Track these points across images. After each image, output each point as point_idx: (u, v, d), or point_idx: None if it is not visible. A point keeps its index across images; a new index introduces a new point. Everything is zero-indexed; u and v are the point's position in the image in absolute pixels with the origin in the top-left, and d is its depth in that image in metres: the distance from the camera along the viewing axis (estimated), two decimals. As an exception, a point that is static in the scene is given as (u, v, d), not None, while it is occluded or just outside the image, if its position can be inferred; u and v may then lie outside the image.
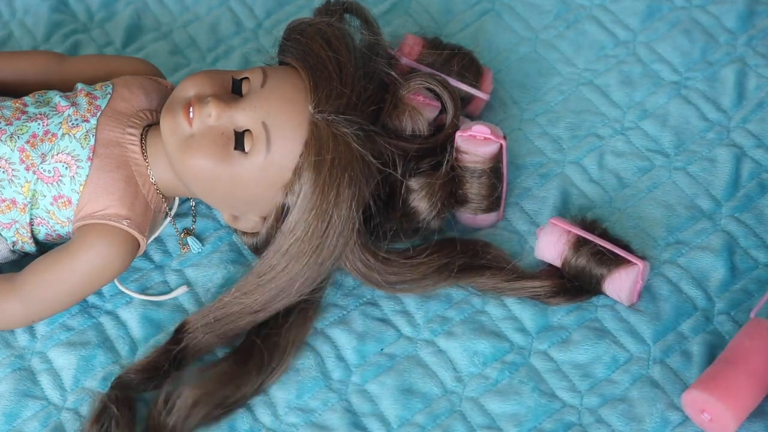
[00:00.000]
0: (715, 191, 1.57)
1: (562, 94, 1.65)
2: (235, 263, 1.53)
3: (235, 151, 1.41)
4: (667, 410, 1.41)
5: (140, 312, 1.50)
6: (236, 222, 1.49)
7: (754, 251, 1.52)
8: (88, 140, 1.45)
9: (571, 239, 1.47)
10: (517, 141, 1.61)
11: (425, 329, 1.48)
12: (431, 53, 1.59)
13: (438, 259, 1.49)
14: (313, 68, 1.43)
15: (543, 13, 1.72)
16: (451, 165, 1.49)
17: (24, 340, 1.49)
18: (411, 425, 1.42)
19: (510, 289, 1.49)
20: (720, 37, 1.69)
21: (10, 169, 1.45)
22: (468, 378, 1.45)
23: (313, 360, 1.46)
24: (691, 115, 1.63)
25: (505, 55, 1.69)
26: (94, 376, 1.46)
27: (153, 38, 1.73)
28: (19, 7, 1.76)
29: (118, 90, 1.50)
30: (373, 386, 1.45)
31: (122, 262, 1.45)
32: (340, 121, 1.40)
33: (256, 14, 1.75)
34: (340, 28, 1.48)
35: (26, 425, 1.43)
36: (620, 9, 1.72)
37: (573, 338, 1.47)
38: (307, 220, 1.41)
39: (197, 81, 1.44)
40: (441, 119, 1.52)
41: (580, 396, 1.43)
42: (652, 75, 1.66)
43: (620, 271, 1.45)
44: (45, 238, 1.49)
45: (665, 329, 1.47)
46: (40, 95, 1.50)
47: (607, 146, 1.61)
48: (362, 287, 1.51)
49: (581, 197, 1.57)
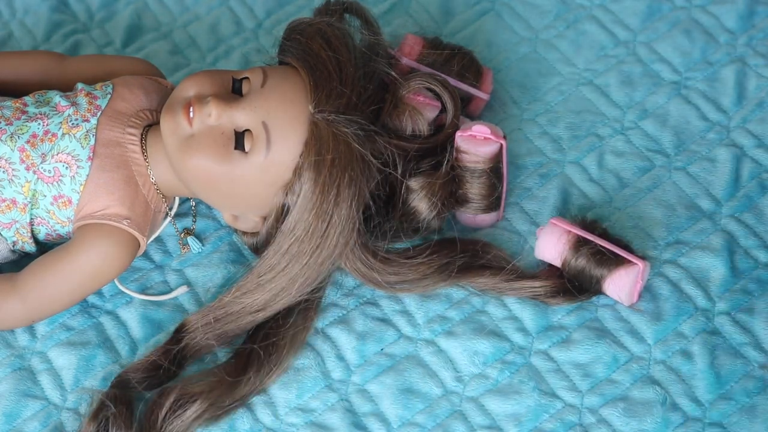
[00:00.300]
0: (716, 191, 1.57)
1: (562, 94, 1.65)
2: (235, 263, 1.53)
3: (235, 151, 1.41)
4: (668, 410, 1.41)
5: (140, 312, 1.50)
6: (236, 222, 1.49)
7: (754, 251, 1.52)
8: (89, 140, 1.45)
9: (572, 239, 1.47)
10: (517, 141, 1.61)
11: (425, 329, 1.48)
12: (431, 53, 1.59)
13: (438, 259, 1.49)
14: (314, 68, 1.43)
15: (543, 13, 1.72)
16: (451, 165, 1.49)
17: (24, 340, 1.49)
18: (411, 425, 1.42)
19: (510, 289, 1.49)
20: (720, 37, 1.69)
21: (11, 168, 1.45)
22: (468, 378, 1.45)
23: (313, 360, 1.46)
24: (691, 115, 1.63)
25: (505, 55, 1.69)
26: (95, 376, 1.46)
27: (153, 38, 1.73)
28: (19, 7, 1.76)
29: (118, 90, 1.50)
30: (374, 386, 1.45)
31: (122, 262, 1.45)
32: (340, 121, 1.40)
33: (256, 14, 1.75)
34: (340, 28, 1.48)
35: (26, 425, 1.43)
36: (620, 9, 1.72)
37: (573, 338, 1.47)
38: (308, 220, 1.41)
39: (197, 81, 1.44)
40: (441, 119, 1.52)
41: (580, 396, 1.43)
42: (652, 75, 1.66)
43: (620, 271, 1.45)
44: (45, 238, 1.49)
45: (665, 329, 1.47)
46: (40, 95, 1.50)
47: (607, 146, 1.61)
48: (362, 287, 1.51)
49: (581, 197, 1.57)
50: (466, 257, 1.50)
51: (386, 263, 1.48)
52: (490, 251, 1.51)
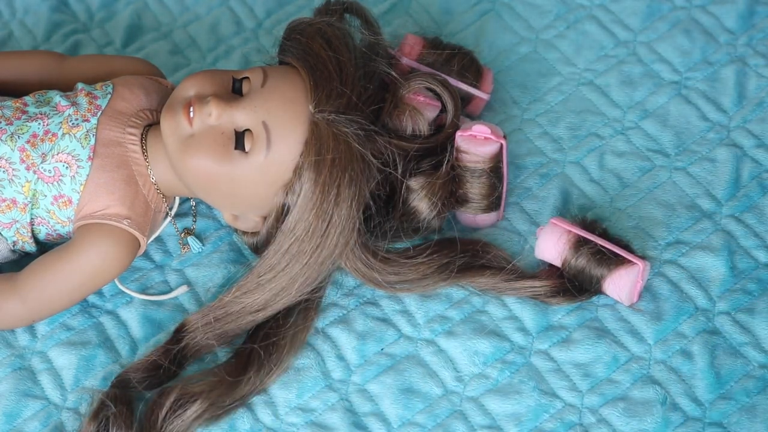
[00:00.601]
0: (716, 191, 1.57)
1: (562, 94, 1.65)
2: (235, 263, 1.53)
3: (235, 151, 1.41)
4: (668, 410, 1.41)
5: (140, 312, 1.50)
6: (236, 221, 1.49)
7: (754, 251, 1.52)
8: (89, 140, 1.45)
9: (572, 239, 1.47)
10: (517, 141, 1.61)
11: (425, 329, 1.48)
12: (431, 53, 1.59)
13: (438, 258, 1.49)
14: (314, 68, 1.43)
15: (543, 13, 1.72)
16: (451, 165, 1.49)
17: (24, 340, 1.49)
18: (411, 425, 1.42)
19: (510, 289, 1.49)
20: (720, 37, 1.69)
21: (11, 168, 1.45)
22: (468, 378, 1.45)
23: (313, 360, 1.46)
24: (692, 115, 1.63)
25: (506, 55, 1.69)
26: (95, 376, 1.46)
27: (153, 38, 1.73)
28: (19, 7, 1.76)
29: (119, 90, 1.50)
30: (374, 386, 1.45)
31: (122, 262, 1.45)
32: (340, 121, 1.40)
33: (256, 14, 1.75)
34: (341, 28, 1.48)
35: (27, 425, 1.43)
36: (620, 9, 1.72)
37: (573, 338, 1.47)
38: (308, 220, 1.41)
39: (198, 80, 1.44)
40: (441, 119, 1.52)
41: (580, 395, 1.43)
42: (652, 75, 1.66)
43: (620, 271, 1.45)
44: (45, 238, 1.49)
45: (665, 329, 1.47)
46: (41, 95, 1.50)
47: (608, 146, 1.61)
48: (363, 287, 1.51)
49: (581, 197, 1.57)
50: (467, 257, 1.50)
51: (386, 263, 1.48)
52: (491, 251, 1.51)
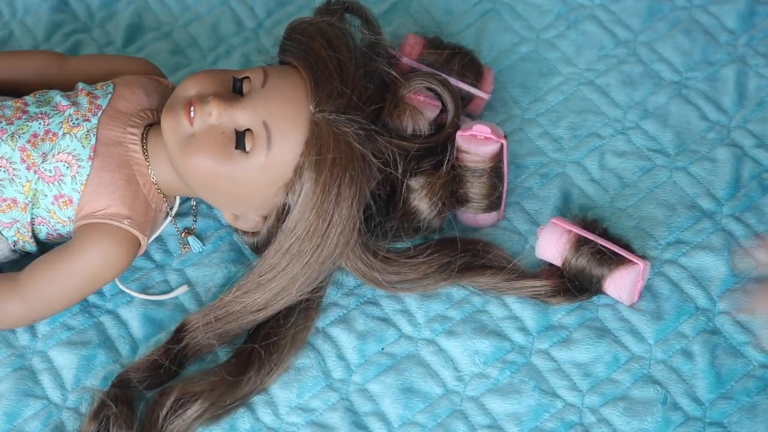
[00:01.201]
0: (716, 191, 1.57)
1: (562, 93, 1.65)
2: (235, 263, 1.53)
3: (236, 151, 1.41)
4: (669, 409, 1.41)
5: (141, 311, 1.50)
6: (237, 221, 1.49)
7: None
8: (89, 139, 1.45)
9: (572, 239, 1.47)
10: (517, 141, 1.61)
11: (426, 328, 1.48)
12: (432, 53, 1.59)
13: (439, 258, 1.49)
14: (314, 68, 1.43)
15: (544, 12, 1.72)
16: (451, 164, 1.49)
17: (25, 340, 1.49)
18: (412, 424, 1.42)
19: (510, 289, 1.49)
20: (720, 37, 1.69)
21: (11, 168, 1.45)
22: (469, 377, 1.45)
23: (314, 359, 1.46)
24: (692, 114, 1.63)
25: (506, 54, 1.69)
26: (95, 376, 1.46)
27: (154, 38, 1.73)
28: (19, 6, 1.76)
29: (119, 89, 1.50)
30: (374, 385, 1.45)
31: (123, 262, 1.45)
32: (341, 121, 1.40)
33: (257, 14, 1.75)
34: (341, 28, 1.48)
35: (27, 425, 1.43)
36: (621, 9, 1.72)
37: (574, 337, 1.47)
38: (308, 219, 1.41)
39: (198, 80, 1.44)
40: (442, 119, 1.52)
41: (581, 395, 1.43)
42: (652, 75, 1.66)
43: (621, 271, 1.45)
44: (46, 238, 1.49)
45: (666, 328, 1.47)
46: (41, 95, 1.50)
47: (608, 146, 1.61)
48: (363, 286, 1.51)
49: (582, 197, 1.57)
50: (467, 257, 1.50)
51: (387, 263, 1.48)
52: (491, 251, 1.51)
